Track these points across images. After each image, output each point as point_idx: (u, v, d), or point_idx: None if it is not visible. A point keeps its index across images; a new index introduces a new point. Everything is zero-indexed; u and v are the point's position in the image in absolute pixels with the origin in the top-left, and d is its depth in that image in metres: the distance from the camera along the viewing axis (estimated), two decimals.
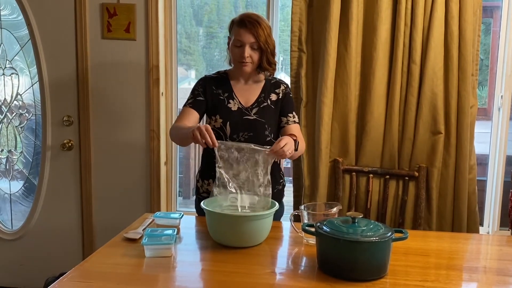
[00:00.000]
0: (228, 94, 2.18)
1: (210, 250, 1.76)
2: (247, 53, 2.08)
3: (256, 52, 2.10)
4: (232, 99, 2.17)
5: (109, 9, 2.87)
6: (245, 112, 2.15)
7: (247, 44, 2.07)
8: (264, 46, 2.08)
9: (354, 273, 1.51)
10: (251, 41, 2.07)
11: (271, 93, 2.21)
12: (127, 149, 3.00)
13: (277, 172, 2.24)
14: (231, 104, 2.16)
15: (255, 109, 2.16)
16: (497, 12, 2.95)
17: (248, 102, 2.18)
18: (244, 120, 2.14)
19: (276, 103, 2.20)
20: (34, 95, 3.12)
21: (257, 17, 2.11)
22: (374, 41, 2.58)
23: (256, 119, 2.15)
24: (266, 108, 2.17)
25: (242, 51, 2.08)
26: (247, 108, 2.16)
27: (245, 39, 2.07)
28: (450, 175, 2.62)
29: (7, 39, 3.12)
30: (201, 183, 2.25)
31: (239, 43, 2.09)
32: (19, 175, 3.30)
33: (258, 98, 2.18)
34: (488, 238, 2.31)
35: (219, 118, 2.14)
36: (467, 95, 2.55)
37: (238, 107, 2.16)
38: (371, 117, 2.63)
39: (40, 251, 3.18)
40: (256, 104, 2.17)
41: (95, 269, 1.60)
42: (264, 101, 2.18)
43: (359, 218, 1.61)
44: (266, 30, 2.08)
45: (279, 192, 2.24)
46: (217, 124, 2.15)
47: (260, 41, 2.07)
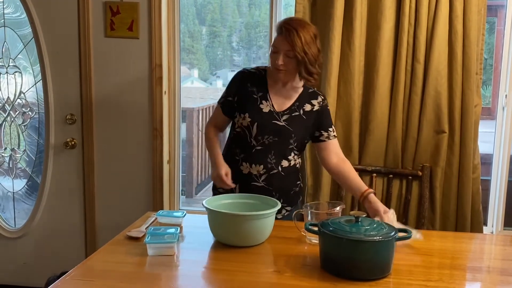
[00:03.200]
0: (262, 94, 2.12)
1: (212, 249, 1.76)
2: (281, 60, 2.00)
3: (292, 60, 2.00)
4: (266, 100, 2.11)
5: (112, 8, 2.87)
6: (275, 116, 2.10)
7: (282, 52, 2.00)
8: (300, 56, 1.97)
9: (357, 272, 1.51)
10: (286, 49, 1.99)
11: (306, 103, 2.14)
12: (130, 147, 3.00)
13: (294, 175, 2.21)
14: (263, 105, 2.11)
15: (285, 115, 2.11)
16: (502, 11, 2.94)
17: (281, 107, 2.12)
18: (272, 124, 2.09)
19: (309, 114, 2.14)
20: (37, 94, 3.12)
21: (297, 24, 2.00)
22: (378, 40, 2.57)
23: (284, 126, 2.09)
24: (297, 118, 2.12)
25: (276, 58, 2.01)
26: (278, 113, 2.11)
27: (280, 46, 2.00)
28: (454, 175, 2.61)
29: (11, 37, 3.12)
30: None
31: (275, 49, 2.03)
32: (22, 174, 3.30)
33: (292, 105, 2.12)
34: (492, 237, 2.30)
35: (248, 117, 2.10)
36: (471, 94, 2.54)
37: (269, 109, 2.10)
38: (375, 116, 2.62)
39: (43, 249, 3.18)
40: (288, 112, 2.11)
41: (98, 268, 1.59)
42: (296, 110, 2.12)
43: (362, 217, 1.60)
44: (304, 38, 1.97)
45: (295, 194, 2.23)
46: (245, 122, 2.10)
47: (296, 50, 1.97)
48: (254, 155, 2.11)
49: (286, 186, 2.16)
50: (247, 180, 2.12)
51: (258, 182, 2.11)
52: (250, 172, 2.12)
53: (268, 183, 2.12)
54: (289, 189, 2.18)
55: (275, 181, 2.12)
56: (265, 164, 2.10)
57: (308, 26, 2.03)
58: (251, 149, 2.11)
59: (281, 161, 2.12)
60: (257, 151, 2.10)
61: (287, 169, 2.14)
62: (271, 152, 2.10)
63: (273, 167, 2.11)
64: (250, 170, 2.11)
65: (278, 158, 2.12)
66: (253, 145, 2.11)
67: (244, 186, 2.12)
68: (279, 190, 2.12)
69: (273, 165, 2.11)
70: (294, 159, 2.16)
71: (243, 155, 2.13)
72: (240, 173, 2.13)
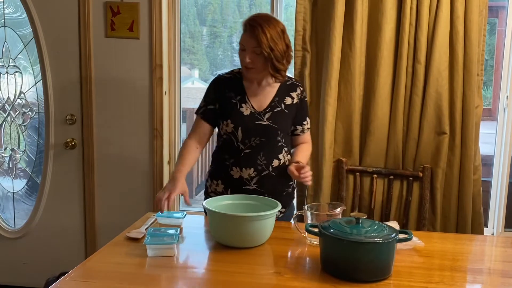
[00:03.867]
0: (240, 97, 2.11)
1: (212, 250, 1.75)
2: (248, 58, 1.99)
3: (260, 57, 1.98)
4: (245, 103, 2.10)
5: (113, 8, 2.87)
6: (257, 117, 2.09)
7: (249, 49, 1.99)
8: (266, 52, 1.95)
9: (358, 274, 1.50)
10: (253, 46, 1.97)
11: (285, 96, 2.14)
12: (130, 148, 2.99)
13: (287, 174, 2.18)
14: (243, 108, 2.09)
15: (268, 113, 2.10)
16: (503, 12, 2.93)
17: (261, 106, 2.11)
18: (256, 125, 2.08)
19: (290, 108, 2.14)
20: (38, 94, 3.12)
21: (263, 20, 1.97)
22: (378, 41, 2.57)
23: (268, 124, 2.08)
24: (280, 113, 2.11)
25: (244, 55, 2.00)
26: (260, 113, 2.09)
27: (246, 44, 1.99)
28: (455, 176, 2.61)
29: (11, 37, 3.12)
30: (210, 182, 2.21)
31: (241, 47, 2.02)
32: (22, 174, 3.30)
33: (272, 102, 2.11)
34: (492, 239, 2.30)
35: (231, 123, 2.08)
36: (472, 95, 2.54)
37: (250, 111, 2.09)
38: (375, 117, 2.61)
39: (42, 250, 3.18)
40: (269, 109, 2.10)
41: (98, 268, 1.59)
42: (277, 105, 2.11)
43: (363, 218, 1.60)
44: (270, 34, 1.94)
45: (288, 195, 2.22)
46: (229, 129, 2.09)
47: (262, 47, 1.95)
48: (243, 158, 2.09)
49: (278, 188, 2.15)
50: (239, 184, 2.11)
51: (250, 186, 2.10)
52: (241, 176, 2.10)
53: (260, 186, 2.10)
54: (281, 190, 2.17)
55: (267, 183, 2.11)
56: (255, 167, 2.09)
57: (275, 22, 2.01)
58: (240, 153, 2.09)
59: (272, 161, 2.11)
60: (245, 154, 2.09)
61: (278, 168, 2.13)
62: (260, 154, 2.09)
63: (263, 168, 2.09)
64: (241, 174, 2.10)
65: (269, 159, 2.10)
66: (241, 149, 2.09)
67: (236, 191, 2.09)
68: (272, 192, 2.09)
69: (264, 166, 2.09)
70: (284, 156, 2.15)
71: (232, 160, 2.10)
72: (231, 178, 2.11)
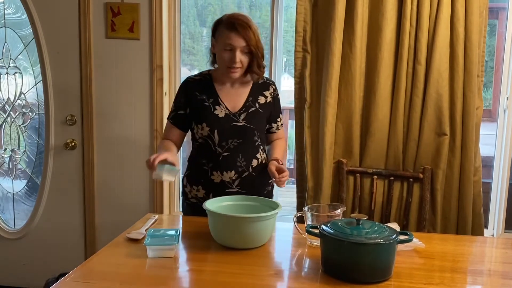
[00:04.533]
0: (213, 100, 2.08)
1: (212, 251, 1.75)
2: (238, 58, 1.98)
3: (246, 56, 2.00)
4: (218, 105, 2.07)
5: (113, 8, 2.87)
6: (233, 118, 2.07)
7: (238, 49, 1.98)
8: (255, 50, 1.98)
9: (358, 275, 1.50)
10: (242, 45, 1.97)
11: (259, 95, 2.13)
12: (130, 148, 2.99)
13: (266, 174, 2.17)
14: (217, 111, 2.06)
15: (243, 114, 2.08)
16: (503, 13, 2.94)
17: (236, 107, 2.09)
18: (232, 126, 2.06)
19: (264, 107, 2.13)
20: (38, 94, 3.12)
21: (247, 20, 2.00)
22: (379, 42, 2.57)
23: (245, 125, 2.07)
24: (255, 113, 2.10)
25: (232, 56, 1.97)
26: (235, 114, 2.08)
27: (236, 43, 1.96)
28: (455, 177, 2.61)
29: (11, 38, 3.12)
30: (190, 188, 2.18)
31: (229, 47, 1.98)
32: (22, 174, 3.30)
33: (246, 102, 2.10)
34: (493, 240, 2.29)
35: (206, 127, 2.05)
36: (472, 96, 2.54)
37: (225, 113, 2.07)
38: (376, 118, 2.61)
39: (42, 251, 3.18)
40: (244, 109, 2.09)
41: (98, 269, 1.59)
42: (252, 105, 2.10)
43: (363, 219, 1.59)
44: (256, 33, 1.99)
45: (268, 193, 2.22)
46: (204, 132, 2.06)
47: (251, 45, 1.97)
48: (222, 162, 2.07)
49: (259, 186, 2.15)
50: (221, 188, 2.09)
51: (232, 188, 2.10)
52: (223, 180, 2.09)
53: (242, 187, 2.10)
54: (262, 190, 2.17)
55: (249, 183, 2.11)
56: (236, 169, 2.08)
57: (253, 21, 2.04)
58: (218, 157, 2.07)
59: (251, 162, 2.11)
60: (224, 157, 2.07)
61: (257, 168, 2.13)
62: (239, 155, 2.08)
63: (244, 169, 2.09)
64: (222, 178, 2.09)
65: (248, 159, 2.10)
66: (219, 152, 2.07)
67: (219, 194, 2.05)
68: (253, 192, 2.07)
69: (244, 167, 2.09)
70: (261, 155, 2.15)
71: (211, 164, 2.08)
72: (212, 182, 2.10)
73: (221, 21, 2.03)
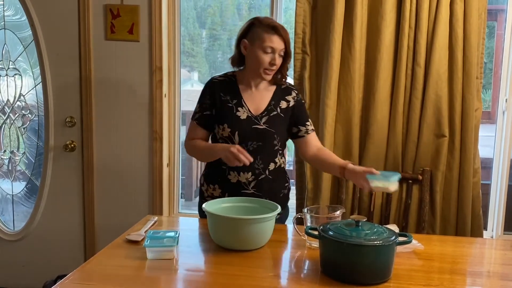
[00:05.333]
0: (236, 101, 2.10)
1: (212, 253, 1.75)
2: (277, 60, 2.02)
3: (281, 59, 2.04)
4: (241, 107, 2.09)
5: (113, 10, 2.87)
6: (254, 121, 2.08)
7: (278, 51, 2.01)
8: (290, 53, 2.05)
9: (357, 277, 1.50)
10: (281, 48, 2.01)
11: (281, 100, 2.13)
12: (129, 150, 2.99)
13: (282, 176, 2.20)
14: (240, 112, 2.08)
15: (264, 117, 2.09)
16: (502, 15, 2.94)
17: (258, 110, 2.10)
18: (253, 129, 2.07)
19: (286, 112, 2.13)
20: (37, 96, 3.12)
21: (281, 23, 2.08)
22: (378, 44, 2.57)
23: (265, 128, 2.08)
24: (276, 117, 2.10)
25: (272, 58, 2.00)
26: (257, 117, 2.08)
27: (278, 46, 1.99)
28: (454, 179, 2.61)
29: (11, 40, 3.12)
30: (206, 187, 2.20)
31: (270, 50, 2.00)
32: (22, 176, 3.29)
33: (268, 106, 2.11)
34: (492, 242, 2.30)
35: (227, 128, 2.07)
36: (471, 98, 2.54)
37: (247, 115, 2.08)
38: (375, 120, 2.62)
39: (41, 252, 3.18)
40: (266, 113, 2.09)
41: (97, 271, 1.59)
42: (274, 109, 2.11)
43: (362, 221, 1.60)
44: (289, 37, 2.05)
45: (284, 196, 2.22)
46: (225, 133, 2.08)
47: (288, 48, 2.03)
48: None
49: (275, 189, 2.15)
50: (237, 188, 2.10)
51: (248, 190, 2.10)
52: (239, 181, 2.09)
53: (258, 189, 2.10)
54: (278, 192, 2.17)
55: (265, 186, 2.11)
56: (253, 171, 2.08)
57: None
58: None
59: (268, 165, 2.11)
60: None
61: (274, 171, 2.13)
62: (257, 158, 2.08)
63: (260, 172, 2.09)
64: (239, 179, 2.09)
65: (266, 162, 2.10)
66: None
67: (234, 195, 2.07)
68: (269, 194, 2.08)
69: (261, 170, 2.09)
70: (279, 160, 2.16)
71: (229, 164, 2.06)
72: (228, 182, 2.11)
73: (257, 24, 2.03)
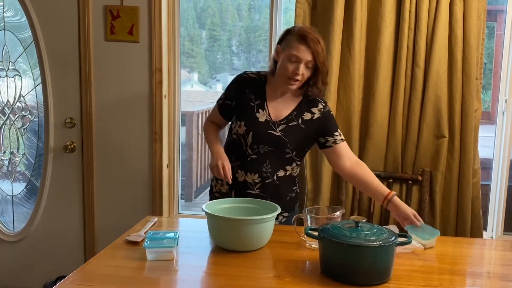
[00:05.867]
0: (259, 102, 2.09)
1: (212, 254, 1.75)
2: (301, 71, 1.97)
3: (309, 70, 1.99)
4: (262, 109, 2.08)
5: (113, 11, 2.87)
6: (271, 126, 2.06)
7: (303, 62, 1.97)
8: (321, 66, 1.98)
9: (357, 277, 1.50)
10: (308, 59, 1.96)
11: (305, 111, 2.10)
12: (129, 151, 2.99)
13: (291, 184, 2.19)
14: (259, 114, 2.07)
15: (282, 125, 2.07)
16: (501, 15, 2.94)
17: (278, 117, 2.08)
18: (267, 134, 2.06)
19: (309, 123, 2.10)
20: (37, 97, 3.12)
21: (318, 35, 1.99)
22: (378, 44, 2.57)
23: (280, 136, 2.06)
24: (294, 127, 2.08)
25: (296, 67, 1.96)
26: (275, 123, 2.07)
27: (304, 56, 1.95)
28: (454, 179, 2.61)
29: (11, 40, 3.12)
30: (215, 182, 2.23)
31: (294, 59, 1.96)
32: (21, 177, 3.29)
33: (289, 115, 2.09)
34: (492, 243, 2.30)
35: (244, 126, 2.07)
36: (471, 98, 2.54)
37: (266, 119, 2.07)
38: (375, 121, 2.62)
39: (41, 253, 3.17)
40: (285, 121, 2.08)
41: (97, 272, 1.59)
42: (294, 119, 2.08)
43: (362, 222, 1.60)
44: (324, 49, 1.99)
45: (292, 199, 2.21)
46: (240, 130, 2.08)
47: (319, 61, 1.97)
48: (249, 163, 2.08)
49: (281, 193, 2.15)
50: (242, 187, 2.11)
51: (253, 190, 2.10)
52: (245, 180, 2.10)
53: (263, 191, 2.10)
54: (284, 195, 2.16)
55: (270, 189, 2.10)
56: (260, 173, 2.08)
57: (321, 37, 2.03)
58: (247, 158, 2.09)
59: (277, 171, 2.10)
60: (252, 159, 2.08)
61: (283, 178, 2.12)
62: (266, 162, 2.08)
63: (268, 176, 2.09)
64: (245, 178, 2.10)
65: (275, 168, 2.09)
66: (248, 153, 2.08)
67: (239, 193, 2.10)
68: (275, 197, 2.08)
69: (269, 174, 2.09)
70: (292, 169, 2.14)
71: (238, 162, 2.10)
72: (235, 180, 2.11)
73: (292, 31, 2.02)
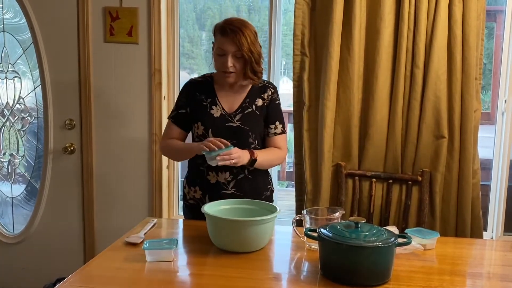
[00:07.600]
0: (211, 100, 2.11)
1: (211, 255, 1.75)
2: (230, 62, 1.99)
3: (240, 60, 2.00)
4: (215, 105, 2.10)
5: (112, 13, 2.87)
6: (228, 118, 2.09)
7: (230, 53, 1.99)
8: (247, 55, 1.98)
9: (357, 278, 1.50)
10: (233, 50, 1.98)
11: (257, 98, 2.13)
12: (129, 153, 2.99)
13: (264, 178, 2.19)
14: (213, 111, 2.10)
15: (238, 115, 2.09)
16: (501, 16, 2.94)
17: (232, 108, 2.11)
18: (226, 127, 2.08)
19: (262, 109, 2.13)
20: (36, 99, 3.12)
21: (240, 24, 1.99)
22: (377, 45, 2.57)
23: (239, 126, 2.08)
24: (251, 115, 2.10)
25: (225, 60, 1.99)
26: (230, 115, 2.09)
27: (227, 48, 1.98)
28: (454, 180, 2.61)
29: (10, 42, 3.12)
30: (188, 189, 2.20)
31: (221, 52, 2.00)
32: (21, 179, 3.29)
33: (243, 103, 2.11)
34: (492, 243, 2.30)
35: (201, 125, 2.09)
36: (470, 99, 2.54)
37: (221, 113, 2.09)
38: (374, 121, 2.62)
39: (41, 255, 3.17)
40: (240, 110, 2.10)
41: (96, 273, 1.59)
42: (248, 106, 2.11)
43: (362, 223, 1.59)
44: (249, 38, 1.98)
45: (267, 198, 2.20)
46: (199, 131, 2.10)
47: (243, 50, 1.97)
48: None
49: (256, 190, 2.14)
50: (217, 188, 2.10)
51: (227, 190, 2.10)
52: (218, 181, 2.10)
53: (238, 189, 2.10)
54: (260, 194, 2.16)
55: (245, 185, 2.10)
56: (231, 170, 2.07)
57: (249, 25, 2.04)
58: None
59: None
60: None
61: (254, 171, 2.11)
62: None
63: (239, 171, 2.09)
64: (218, 179, 2.09)
65: None
66: None
67: (214, 195, 2.07)
68: (251, 195, 2.07)
69: (239, 169, 2.08)
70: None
71: (206, 164, 2.04)
72: (208, 183, 2.11)
73: (216, 26, 2.06)
